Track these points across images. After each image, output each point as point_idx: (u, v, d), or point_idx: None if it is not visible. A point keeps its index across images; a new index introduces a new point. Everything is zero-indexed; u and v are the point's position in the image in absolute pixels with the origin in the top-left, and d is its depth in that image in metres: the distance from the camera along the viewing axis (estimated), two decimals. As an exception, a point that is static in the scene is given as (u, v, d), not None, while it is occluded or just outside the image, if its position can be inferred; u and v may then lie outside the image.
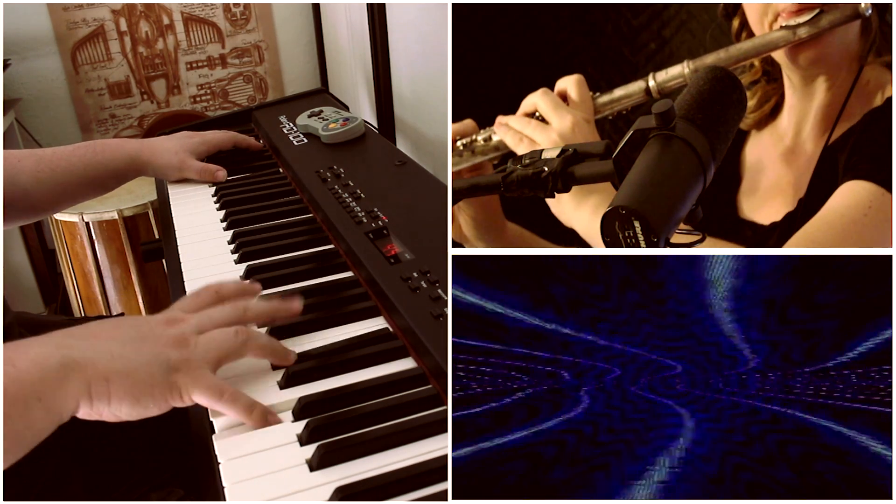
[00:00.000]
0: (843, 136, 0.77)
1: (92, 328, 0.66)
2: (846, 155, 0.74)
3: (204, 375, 0.64)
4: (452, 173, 0.88)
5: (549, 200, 0.79)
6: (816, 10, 0.72)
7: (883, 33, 0.75)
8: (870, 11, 0.71)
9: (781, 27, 0.75)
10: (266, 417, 0.65)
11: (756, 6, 0.77)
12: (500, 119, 0.84)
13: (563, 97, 0.83)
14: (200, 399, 0.63)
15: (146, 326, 0.67)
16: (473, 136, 0.87)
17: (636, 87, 0.82)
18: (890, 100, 0.75)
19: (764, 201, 0.84)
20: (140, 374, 0.61)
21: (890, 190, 0.68)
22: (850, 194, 0.70)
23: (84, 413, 0.60)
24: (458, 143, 0.87)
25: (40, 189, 1.06)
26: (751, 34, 0.81)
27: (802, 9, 0.73)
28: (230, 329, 0.68)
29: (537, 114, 0.82)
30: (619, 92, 0.82)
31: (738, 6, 0.82)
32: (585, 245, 0.79)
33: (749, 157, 0.88)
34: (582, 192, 0.76)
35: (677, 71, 0.79)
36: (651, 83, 0.80)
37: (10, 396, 0.55)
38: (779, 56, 0.79)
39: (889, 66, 0.76)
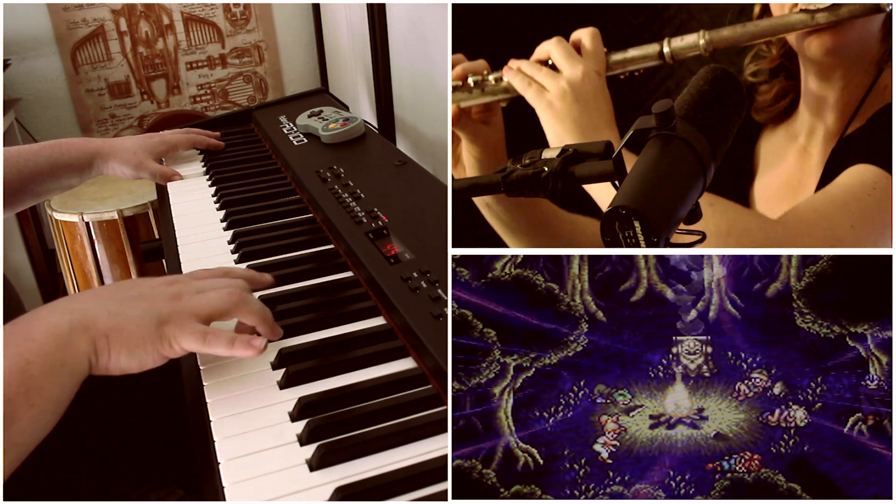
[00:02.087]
0: (852, 136, 0.77)
1: (97, 290, 0.71)
2: (854, 148, 0.75)
3: (190, 324, 0.67)
4: (459, 109, 0.87)
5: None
6: None
7: None
8: (891, 7, 0.71)
9: (801, 10, 0.75)
10: (250, 343, 0.68)
11: None
12: (512, 62, 0.84)
13: (577, 49, 0.83)
14: (187, 344, 0.67)
15: (147, 286, 0.71)
16: (485, 74, 0.87)
17: (651, 49, 0.82)
18: None
19: (775, 199, 0.84)
20: (132, 327, 0.65)
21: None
22: (856, 174, 0.72)
23: (93, 369, 0.64)
24: (469, 80, 0.87)
25: (9, 188, 1.10)
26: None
27: None
28: (223, 289, 0.71)
29: (550, 62, 0.82)
30: (633, 52, 0.83)
31: None
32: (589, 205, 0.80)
33: (764, 153, 0.88)
34: None
35: (692, 39, 0.79)
36: (665, 49, 0.81)
37: (40, 369, 0.59)
38: (795, 44, 0.79)
39: None
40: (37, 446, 0.60)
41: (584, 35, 0.83)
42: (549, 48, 0.82)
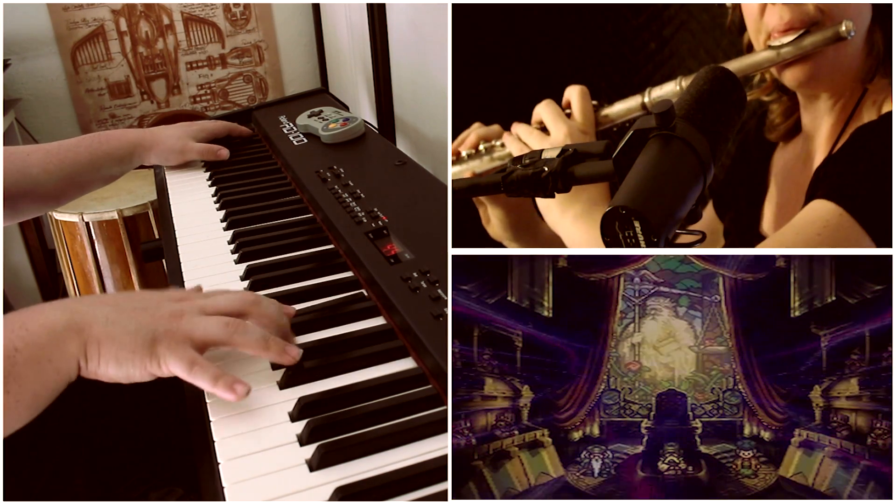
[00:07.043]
0: (821, 166, 0.76)
1: (105, 296, 0.71)
2: (816, 180, 0.73)
3: (181, 348, 0.66)
4: (474, 175, 0.89)
5: (539, 205, 0.80)
6: (801, 31, 0.72)
7: (888, 53, 0.74)
8: (852, 34, 0.70)
9: (767, 47, 0.75)
10: (232, 386, 0.65)
11: (752, 24, 0.78)
12: (515, 127, 0.86)
13: (569, 105, 0.85)
14: (174, 369, 0.66)
15: (154, 299, 0.70)
16: (494, 142, 0.89)
17: (633, 102, 0.84)
18: (884, 116, 0.73)
19: (778, 217, 0.84)
20: (125, 340, 0.65)
21: (851, 210, 0.66)
22: (809, 211, 0.68)
23: (83, 372, 0.64)
24: (481, 147, 0.89)
25: (50, 181, 1.11)
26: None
27: (788, 29, 0.73)
28: (222, 318, 0.70)
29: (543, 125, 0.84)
30: (618, 106, 0.85)
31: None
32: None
33: (776, 170, 0.87)
34: (567, 200, 0.78)
35: (670, 88, 0.81)
36: (646, 100, 0.83)
37: (25, 358, 0.60)
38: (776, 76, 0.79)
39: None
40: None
41: (573, 94, 0.85)
42: (540, 111, 0.84)
